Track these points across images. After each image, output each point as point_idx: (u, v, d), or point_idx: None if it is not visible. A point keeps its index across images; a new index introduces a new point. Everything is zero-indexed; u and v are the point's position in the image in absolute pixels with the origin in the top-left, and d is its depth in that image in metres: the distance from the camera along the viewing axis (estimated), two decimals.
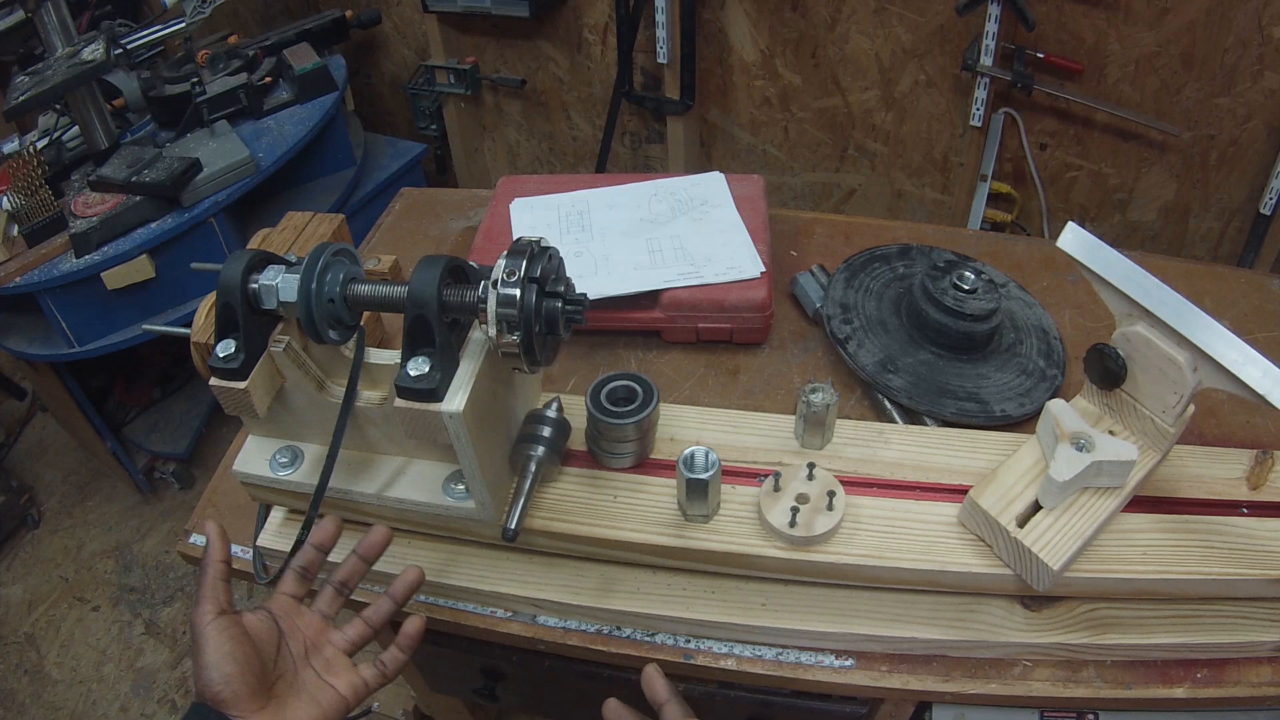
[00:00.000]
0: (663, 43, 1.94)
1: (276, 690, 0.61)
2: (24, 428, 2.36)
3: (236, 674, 0.57)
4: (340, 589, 0.68)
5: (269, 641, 0.62)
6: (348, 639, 0.66)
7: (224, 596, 0.61)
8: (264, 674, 0.60)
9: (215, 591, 0.61)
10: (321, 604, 0.67)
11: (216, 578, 0.62)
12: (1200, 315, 0.59)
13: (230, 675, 0.57)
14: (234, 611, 0.61)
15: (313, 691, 0.63)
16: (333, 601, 0.68)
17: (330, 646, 0.66)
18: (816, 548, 0.66)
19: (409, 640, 0.68)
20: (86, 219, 1.55)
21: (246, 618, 0.62)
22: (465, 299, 0.58)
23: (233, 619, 0.60)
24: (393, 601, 0.68)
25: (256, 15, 2.41)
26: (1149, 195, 1.81)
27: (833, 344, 0.89)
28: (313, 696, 0.62)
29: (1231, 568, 0.64)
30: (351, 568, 0.68)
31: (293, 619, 0.65)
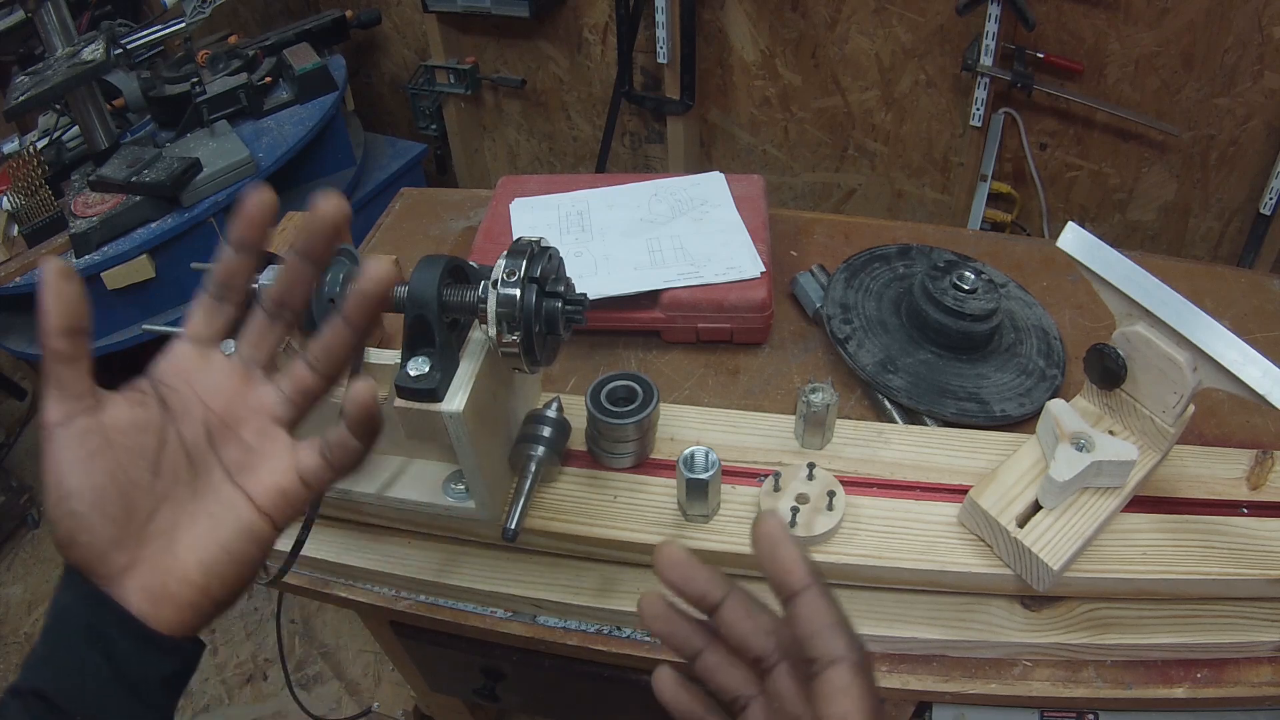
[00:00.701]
0: (663, 43, 1.94)
1: (158, 521, 0.40)
2: (24, 428, 2.35)
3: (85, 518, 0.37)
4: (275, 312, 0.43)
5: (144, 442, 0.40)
6: (281, 396, 0.43)
7: (71, 389, 0.39)
8: (130, 506, 0.39)
9: (58, 385, 0.39)
10: (244, 346, 0.43)
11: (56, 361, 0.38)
12: (1200, 315, 0.59)
13: (77, 519, 0.37)
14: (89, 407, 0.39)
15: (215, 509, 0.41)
16: (262, 338, 0.43)
17: (255, 418, 0.42)
18: (816, 548, 0.66)
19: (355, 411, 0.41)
20: (86, 219, 1.55)
21: (110, 410, 0.40)
22: (465, 299, 0.58)
23: (83, 425, 0.38)
24: (350, 327, 0.42)
25: (256, 15, 2.41)
26: (1149, 195, 1.81)
27: (833, 344, 0.89)
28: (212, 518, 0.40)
29: (1231, 568, 0.64)
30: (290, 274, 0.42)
31: (193, 381, 0.42)
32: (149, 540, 0.39)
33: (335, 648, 1.81)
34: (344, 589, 0.77)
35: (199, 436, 0.41)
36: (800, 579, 0.40)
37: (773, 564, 0.40)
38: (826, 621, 0.38)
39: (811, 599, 0.39)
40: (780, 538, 0.40)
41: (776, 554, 0.40)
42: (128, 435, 0.39)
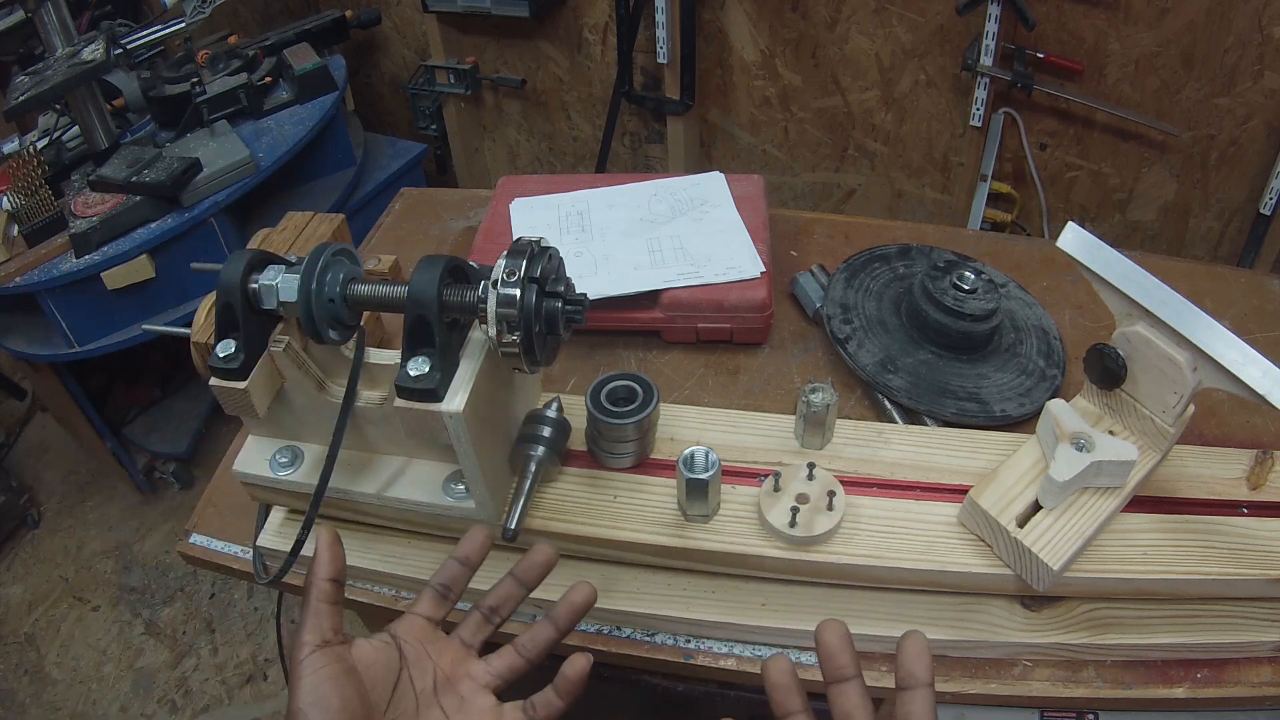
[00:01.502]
0: (663, 43, 1.94)
1: None
2: (24, 428, 2.36)
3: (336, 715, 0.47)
4: (489, 616, 0.57)
5: (384, 677, 0.51)
6: (493, 671, 0.56)
7: (329, 623, 0.51)
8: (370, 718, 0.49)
9: (319, 617, 0.50)
10: (464, 632, 0.56)
11: (320, 600, 0.51)
12: (1200, 315, 0.59)
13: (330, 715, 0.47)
14: (341, 641, 0.51)
15: None
16: (478, 630, 0.57)
17: (469, 681, 0.54)
18: (816, 548, 0.66)
19: (569, 684, 0.55)
20: (86, 219, 1.55)
21: (359, 648, 0.51)
22: (465, 299, 0.58)
23: (337, 653, 0.50)
24: (554, 628, 0.57)
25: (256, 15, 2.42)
26: (1149, 195, 1.81)
27: (833, 344, 0.89)
28: None
29: (1231, 568, 0.64)
30: (505, 592, 0.57)
31: (424, 646, 0.54)
32: None
33: None
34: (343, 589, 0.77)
35: (427, 685, 0.53)
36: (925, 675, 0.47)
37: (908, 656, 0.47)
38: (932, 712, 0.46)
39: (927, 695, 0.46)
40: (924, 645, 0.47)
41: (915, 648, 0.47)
42: (371, 669, 0.51)
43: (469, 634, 0.56)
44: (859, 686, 0.48)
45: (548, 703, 0.55)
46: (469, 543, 0.57)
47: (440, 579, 0.56)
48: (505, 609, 0.57)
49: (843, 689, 0.48)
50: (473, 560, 0.57)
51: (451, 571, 0.57)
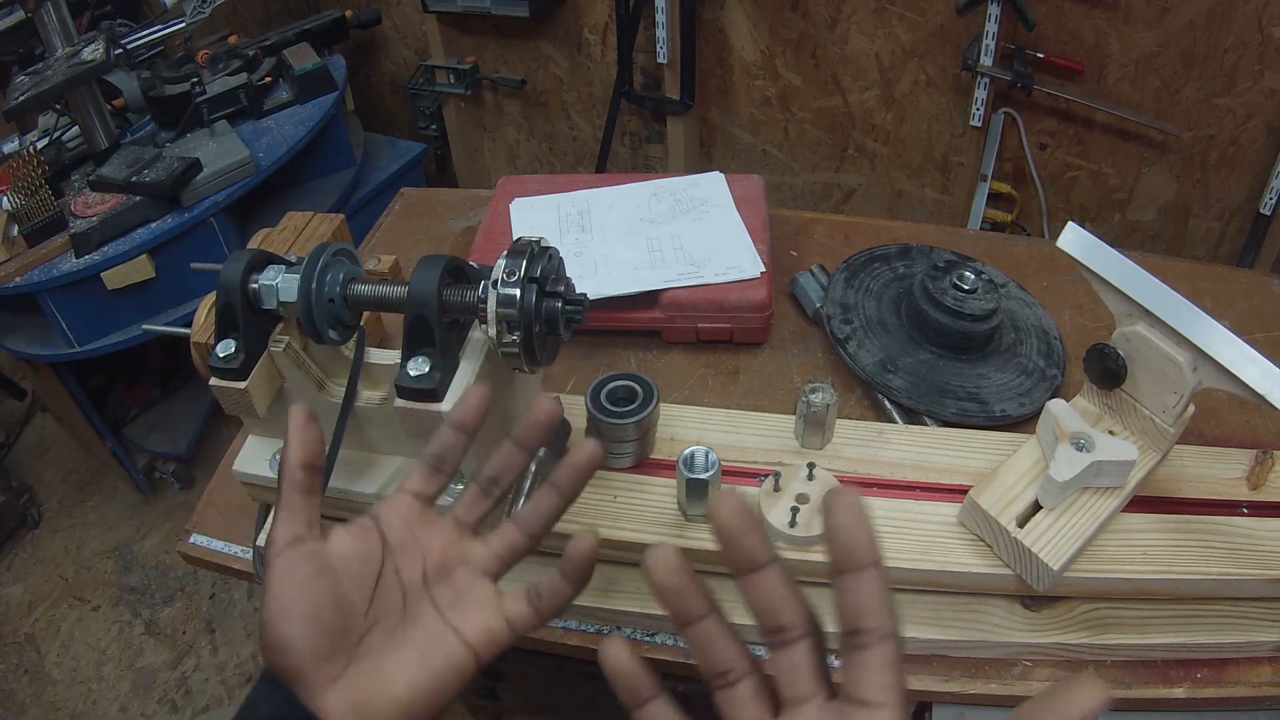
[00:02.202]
0: (663, 43, 1.94)
1: (368, 643, 0.43)
2: (24, 428, 2.36)
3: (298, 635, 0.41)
4: (487, 488, 0.49)
5: (363, 572, 0.45)
6: (492, 553, 0.48)
7: (302, 517, 0.45)
8: (346, 626, 0.43)
9: (291, 511, 0.45)
10: (459, 509, 0.49)
11: (293, 490, 0.45)
12: (1200, 315, 0.59)
13: (294, 626, 0.41)
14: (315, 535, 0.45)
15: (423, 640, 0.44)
16: (475, 505, 0.49)
17: (465, 568, 0.47)
18: (817, 548, 0.66)
19: (576, 566, 0.47)
20: (86, 219, 1.55)
21: (335, 540, 0.45)
22: (465, 299, 0.58)
23: (309, 550, 0.44)
24: (558, 494, 0.48)
25: (256, 15, 2.42)
26: (1149, 195, 1.81)
27: (833, 344, 0.89)
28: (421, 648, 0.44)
29: (1231, 568, 0.64)
30: (504, 459, 0.49)
31: (412, 529, 0.47)
32: (358, 659, 0.43)
33: None
34: None
35: (415, 575, 0.46)
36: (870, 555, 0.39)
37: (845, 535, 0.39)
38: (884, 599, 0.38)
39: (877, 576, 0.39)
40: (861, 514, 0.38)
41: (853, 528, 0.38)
42: (350, 563, 0.44)
43: (464, 510, 0.49)
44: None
45: (554, 590, 0.47)
46: (464, 405, 0.49)
47: (433, 449, 0.48)
48: (505, 479, 0.49)
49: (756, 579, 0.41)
50: (470, 424, 0.49)
51: (445, 440, 0.48)
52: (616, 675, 0.43)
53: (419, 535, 0.47)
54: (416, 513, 0.48)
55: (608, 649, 0.42)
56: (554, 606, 0.48)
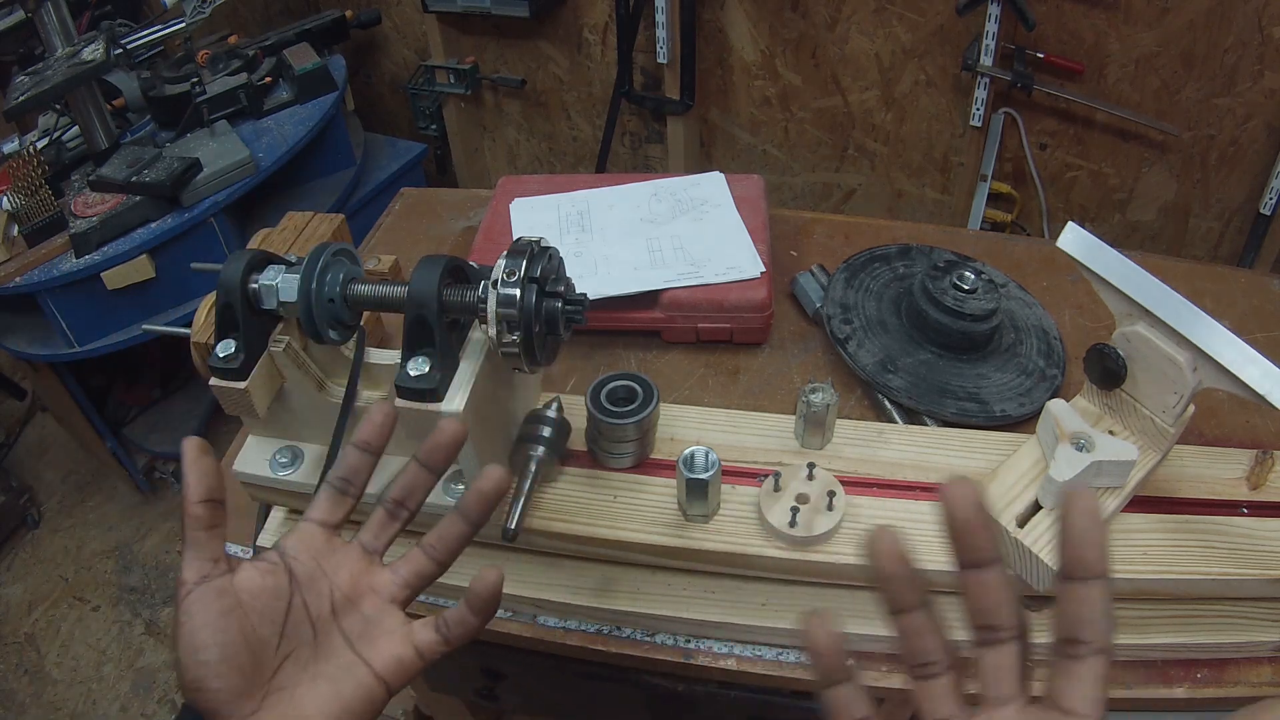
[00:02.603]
0: (663, 43, 1.94)
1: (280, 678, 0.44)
2: (24, 428, 2.36)
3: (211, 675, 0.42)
4: (394, 511, 0.49)
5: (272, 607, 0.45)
6: (400, 580, 0.48)
7: (208, 552, 0.44)
8: (258, 662, 0.44)
9: (196, 548, 0.44)
10: (365, 536, 0.49)
11: (196, 528, 0.44)
12: (1200, 315, 0.59)
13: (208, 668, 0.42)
14: (223, 572, 0.44)
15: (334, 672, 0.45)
16: (382, 531, 0.50)
17: (373, 596, 0.48)
18: (816, 548, 0.66)
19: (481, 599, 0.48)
20: (86, 219, 1.55)
21: (243, 577, 0.45)
22: (465, 299, 0.58)
23: (217, 588, 0.43)
24: (464, 521, 0.49)
25: (256, 15, 2.42)
26: (1149, 195, 1.81)
27: (833, 344, 0.89)
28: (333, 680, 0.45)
29: (1231, 568, 0.64)
30: (410, 480, 0.49)
31: (319, 561, 0.47)
32: (272, 692, 0.44)
33: None
34: None
35: (323, 607, 0.47)
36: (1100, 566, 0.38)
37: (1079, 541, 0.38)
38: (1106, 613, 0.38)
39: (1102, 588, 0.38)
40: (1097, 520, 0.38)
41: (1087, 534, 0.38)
42: (258, 598, 0.45)
43: (371, 537, 0.49)
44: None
45: (461, 620, 0.48)
46: (368, 424, 0.49)
47: (338, 472, 0.49)
48: (412, 500, 0.50)
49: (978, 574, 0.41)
50: (374, 445, 0.49)
51: (351, 461, 0.49)
52: (816, 653, 0.44)
53: (326, 566, 0.47)
54: (322, 542, 0.48)
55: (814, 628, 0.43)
56: (461, 635, 0.48)
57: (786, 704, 0.79)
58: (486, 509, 0.49)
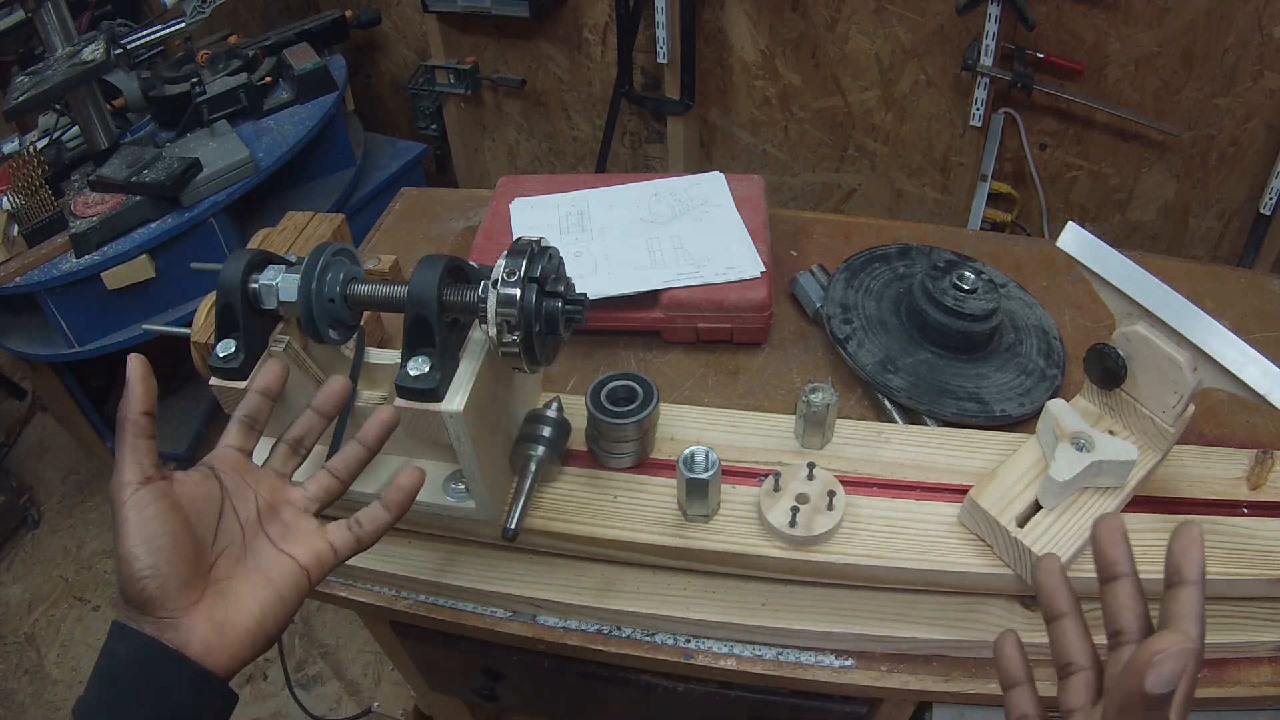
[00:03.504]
0: (663, 43, 1.94)
1: (217, 571, 0.50)
2: (24, 428, 2.35)
3: (163, 562, 0.46)
4: (295, 447, 0.57)
5: (207, 509, 0.51)
6: (309, 495, 0.56)
7: (149, 459, 0.49)
8: (199, 555, 0.49)
9: (136, 453, 0.48)
10: (275, 463, 0.57)
11: (138, 435, 0.49)
12: (1200, 315, 0.59)
13: (155, 565, 0.46)
14: (162, 476, 0.49)
15: (264, 564, 0.51)
16: (288, 460, 0.57)
17: (289, 507, 0.55)
18: (816, 548, 0.66)
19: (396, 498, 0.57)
20: (86, 219, 1.55)
21: (180, 480, 0.51)
22: (465, 299, 0.58)
23: (159, 488, 0.48)
24: (362, 447, 0.58)
25: (256, 15, 2.41)
26: (1149, 195, 1.81)
27: (833, 344, 0.89)
28: (264, 572, 0.51)
29: (1231, 568, 0.64)
30: (306, 423, 0.58)
31: (243, 475, 0.54)
32: (211, 584, 0.49)
33: (335, 648, 1.81)
34: (344, 589, 0.78)
35: (250, 513, 0.53)
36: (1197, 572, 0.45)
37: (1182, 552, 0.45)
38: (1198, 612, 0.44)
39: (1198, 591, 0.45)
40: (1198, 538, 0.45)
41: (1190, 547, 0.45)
42: (195, 501, 0.50)
43: (279, 464, 0.57)
44: (1131, 584, 0.47)
45: (374, 517, 0.56)
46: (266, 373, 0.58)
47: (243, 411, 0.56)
48: (309, 440, 0.58)
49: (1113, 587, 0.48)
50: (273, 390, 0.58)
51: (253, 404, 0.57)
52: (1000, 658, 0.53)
53: (248, 479, 0.54)
54: (242, 462, 0.55)
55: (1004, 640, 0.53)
56: (372, 532, 0.56)
57: (786, 704, 0.79)
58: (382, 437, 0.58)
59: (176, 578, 0.47)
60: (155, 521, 0.47)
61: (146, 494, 0.47)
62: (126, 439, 0.49)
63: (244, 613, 0.49)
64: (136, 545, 0.46)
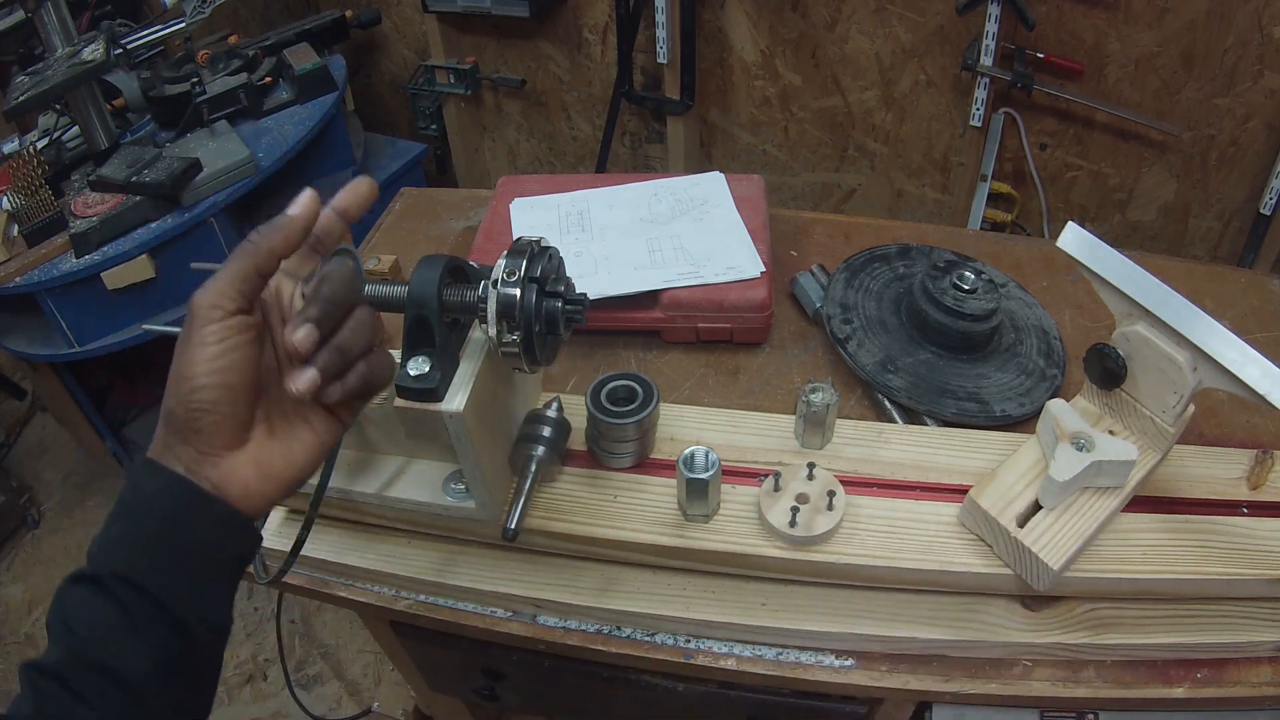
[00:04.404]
0: (663, 43, 1.94)
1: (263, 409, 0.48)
2: (24, 428, 2.35)
3: (228, 400, 0.44)
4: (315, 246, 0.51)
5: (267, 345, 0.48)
6: None
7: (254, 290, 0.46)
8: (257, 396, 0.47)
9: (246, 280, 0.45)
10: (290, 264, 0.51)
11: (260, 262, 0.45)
12: (1200, 315, 0.59)
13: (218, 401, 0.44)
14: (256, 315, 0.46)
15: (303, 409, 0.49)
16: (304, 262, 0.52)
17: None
18: (816, 548, 0.66)
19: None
20: (86, 219, 1.55)
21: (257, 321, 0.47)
22: (465, 299, 0.58)
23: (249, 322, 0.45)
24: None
25: (256, 15, 2.41)
26: (1149, 195, 1.81)
27: (833, 344, 0.89)
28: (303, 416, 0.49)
29: (1231, 568, 0.64)
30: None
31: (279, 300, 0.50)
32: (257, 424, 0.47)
33: (335, 648, 1.81)
34: (344, 589, 0.78)
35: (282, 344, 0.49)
36: None
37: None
38: None
39: None
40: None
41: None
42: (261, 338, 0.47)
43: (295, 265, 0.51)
44: None
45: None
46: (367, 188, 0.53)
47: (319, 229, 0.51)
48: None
49: None
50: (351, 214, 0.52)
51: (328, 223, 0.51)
52: None
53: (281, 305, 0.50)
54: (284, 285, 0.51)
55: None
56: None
57: (786, 704, 0.79)
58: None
59: (235, 417, 0.45)
60: (235, 355, 0.44)
61: (237, 324, 0.44)
62: (246, 260, 0.45)
63: (290, 460, 0.48)
64: (209, 375, 0.44)
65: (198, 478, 0.45)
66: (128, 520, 0.44)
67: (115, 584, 0.43)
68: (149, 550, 0.44)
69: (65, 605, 0.43)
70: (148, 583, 0.43)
